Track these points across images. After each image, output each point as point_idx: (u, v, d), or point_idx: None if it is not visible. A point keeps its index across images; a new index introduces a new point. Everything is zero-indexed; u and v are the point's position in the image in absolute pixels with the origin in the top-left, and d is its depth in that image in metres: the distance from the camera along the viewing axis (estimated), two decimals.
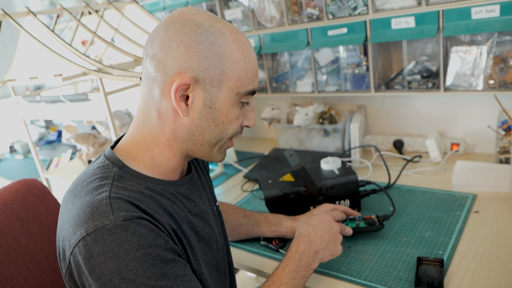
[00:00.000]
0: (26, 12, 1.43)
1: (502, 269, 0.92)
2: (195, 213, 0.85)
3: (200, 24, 0.71)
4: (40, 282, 0.96)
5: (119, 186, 0.71)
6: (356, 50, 1.59)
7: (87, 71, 1.25)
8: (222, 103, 0.74)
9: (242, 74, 0.74)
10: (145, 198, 0.72)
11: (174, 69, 0.71)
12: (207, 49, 0.70)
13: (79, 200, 0.70)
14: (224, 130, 0.77)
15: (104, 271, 0.63)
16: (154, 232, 0.67)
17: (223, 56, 0.71)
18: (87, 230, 0.64)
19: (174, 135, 0.76)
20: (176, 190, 0.81)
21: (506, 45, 1.30)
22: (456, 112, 1.56)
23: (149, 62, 0.74)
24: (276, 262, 1.09)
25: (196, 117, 0.74)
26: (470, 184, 1.27)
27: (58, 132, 2.81)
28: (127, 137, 0.80)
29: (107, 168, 0.74)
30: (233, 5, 1.83)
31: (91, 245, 0.64)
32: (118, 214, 0.65)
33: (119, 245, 0.63)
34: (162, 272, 0.66)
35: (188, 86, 0.71)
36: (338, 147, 1.69)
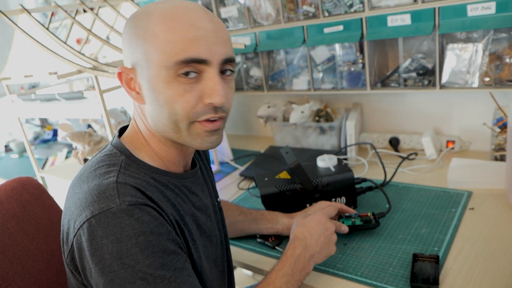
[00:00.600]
0: (21, 10, 1.42)
1: (497, 265, 0.92)
2: (198, 207, 0.85)
3: (133, 16, 0.74)
4: (37, 280, 0.95)
5: (126, 173, 0.72)
6: (352, 48, 1.59)
7: (83, 69, 1.25)
8: (156, 81, 0.70)
9: (164, 45, 0.68)
10: (151, 187, 0.73)
11: (124, 63, 0.77)
12: (131, 35, 0.72)
13: (86, 184, 0.71)
14: (171, 110, 0.71)
15: (105, 254, 0.63)
16: (157, 221, 0.68)
17: (143, 35, 0.70)
18: (93, 212, 0.65)
19: (148, 124, 0.78)
20: (181, 183, 0.82)
21: (501, 42, 1.31)
22: (451, 110, 1.56)
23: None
24: (273, 260, 1.10)
25: (147, 102, 0.74)
26: (465, 181, 1.27)
27: (53, 131, 2.80)
28: (130, 126, 0.83)
29: (115, 156, 0.76)
30: (229, 2, 1.83)
31: (95, 227, 0.64)
32: (124, 199, 0.66)
33: (122, 229, 0.64)
34: (162, 262, 0.65)
35: (127, 74, 0.74)
36: (334, 145, 1.69)
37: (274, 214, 1.16)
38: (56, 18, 2.49)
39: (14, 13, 1.43)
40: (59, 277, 1.00)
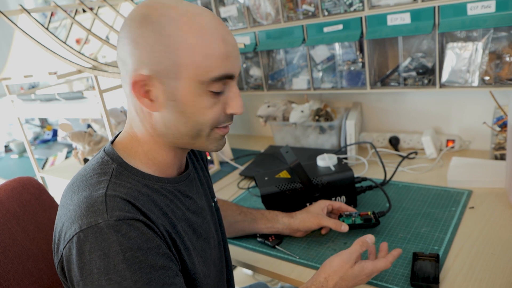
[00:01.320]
0: (20, 10, 1.42)
1: (497, 264, 0.93)
2: (193, 210, 0.84)
3: (148, 17, 0.68)
4: (37, 280, 0.96)
5: (117, 183, 0.71)
6: (352, 47, 1.59)
7: (82, 68, 1.25)
8: (185, 94, 0.70)
9: (200, 60, 0.68)
10: (142, 197, 0.71)
11: (132, 65, 0.70)
12: (154, 41, 0.67)
13: (77, 195, 0.70)
14: (198, 121, 0.73)
15: (94, 269, 0.63)
16: (146, 235, 0.66)
17: (173, 46, 0.67)
18: (81, 226, 0.64)
19: (155, 130, 0.75)
20: (174, 187, 0.80)
21: (501, 41, 1.31)
22: (451, 109, 1.56)
23: (118, 61, 0.74)
24: (273, 259, 1.10)
25: (165, 111, 0.72)
26: (465, 180, 1.27)
27: (53, 131, 2.80)
28: (123, 132, 0.80)
29: (106, 164, 0.74)
30: (228, 2, 1.83)
31: (84, 241, 0.64)
32: (112, 214, 0.65)
33: (110, 245, 0.63)
34: (149, 278, 0.64)
35: (145, 82, 0.70)
36: (334, 144, 1.69)
37: (274, 214, 1.16)
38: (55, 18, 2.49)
39: (13, 13, 1.43)
40: (59, 277, 1.00)
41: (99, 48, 1.95)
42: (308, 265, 1.04)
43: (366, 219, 1.10)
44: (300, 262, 1.06)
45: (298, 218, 1.12)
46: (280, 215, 1.15)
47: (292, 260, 1.07)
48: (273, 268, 1.06)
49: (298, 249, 1.11)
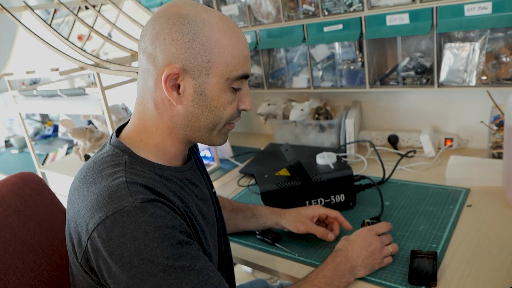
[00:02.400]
0: (24, 7, 1.43)
1: (494, 262, 0.94)
2: (200, 197, 0.88)
3: (185, 16, 0.73)
4: (37, 275, 0.96)
5: (132, 172, 0.74)
6: (352, 46, 1.61)
7: (84, 65, 1.26)
8: (212, 89, 0.76)
9: (229, 60, 0.75)
10: (157, 183, 0.75)
11: (163, 60, 0.74)
12: (192, 39, 0.73)
13: (94, 186, 0.72)
14: (219, 115, 0.79)
15: (124, 252, 0.65)
16: (170, 215, 0.70)
17: (209, 44, 0.73)
18: (107, 213, 0.67)
19: (173, 123, 0.79)
20: (183, 176, 0.84)
21: (498, 41, 1.32)
22: (449, 108, 1.58)
23: (142, 56, 0.77)
24: (273, 256, 1.11)
25: (189, 104, 0.77)
26: (463, 179, 1.28)
27: (54, 127, 2.80)
28: (130, 126, 0.83)
29: (118, 156, 0.77)
30: (230, 1, 1.84)
31: (111, 227, 0.66)
32: (136, 197, 0.68)
33: (138, 226, 0.66)
34: (179, 253, 0.68)
35: (177, 76, 0.74)
36: (333, 142, 1.71)
37: (263, 211, 1.16)
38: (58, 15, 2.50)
39: (17, 9, 1.44)
40: (59, 272, 1.01)
41: (101, 45, 1.96)
42: (307, 263, 1.05)
43: None
44: (299, 260, 1.07)
45: (286, 219, 1.12)
46: (269, 213, 1.15)
47: (291, 258, 1.08)
48: (272, 265, 1.08)
49: (297, 247, 1.12)
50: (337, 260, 0.93)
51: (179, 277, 0.67)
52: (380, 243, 0.98)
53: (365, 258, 0.95)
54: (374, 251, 0.96)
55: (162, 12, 0.76)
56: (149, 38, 0.75)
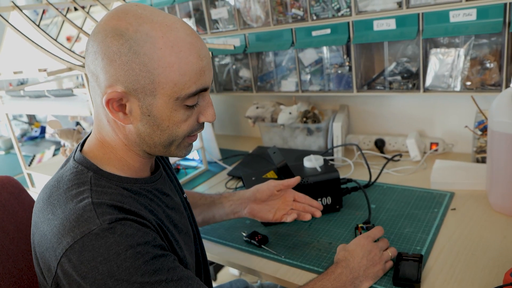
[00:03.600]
0: (12, 7, 1.42)
1: (477, 264, 0.95)
2: (171, 207, 0.86)
3: (123, 32, 0.66)
4: (17, 280, 0.95)
5: (98, 190, 0.71)
6: (339, 51, 1.62)
7: (73, 66, 1.25)
8: (161, 110, 0.71)
9: (177, 78, 0.69)
10: (126, 199, 0.72)
11: (105, 81, 0.69)
12: (131, 60, 0.67)
13: (59, 209, 0.69)
14: (173, 133, 0.75)
15: (97, 275, 0.63)
16: (141, 231, 0.68)
17: (151, 64, 0.67)
18: (74, 238, 0.64)
19: (128, 140, 0.76)
20: (152, 187, 0.82)
21: (482, 48, 1.35)
22: (435, 112, 1.60)
23: (87, 72, 0.73)
24: (258, 258, 1.11)
25: (139, 124, 0.73)
26: (448, 182, 1.30)
27: (41, 128, 2.78)
28: (92, 140, 0.80)
29: (82, 173, 0.74)
30: (219, 4, 1.85)
31: (80, 252, 0.64)
32: (104, 218, 0.66)
33: (108, 248, 0.64)
34: (154, 268, 0.66)
35: (121, 98, 0.69)
36: (321, 146, 1.72)
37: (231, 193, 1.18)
38: (47, 16, 2.48)
39: (5, 9, 1.43)
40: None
41: None
42: (293, 265, 1.06)
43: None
44: (285, 262, 1.07)
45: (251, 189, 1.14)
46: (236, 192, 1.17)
47: (278, 260, 1.09)
48: (259, 267, 1.08)
49: (284, 249, 1.12)
50: (337, 270, 0.90)
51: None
52: (379, 250, 0.97)
53: (367, 268, 0.93)
54: (375, 259, 0.95)
55: (101, 26, 0.69)
56: (90, 55, 0.70)
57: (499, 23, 1.24)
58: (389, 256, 0.98)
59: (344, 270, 0.91)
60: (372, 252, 0.95)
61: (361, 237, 1.00)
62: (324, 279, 0.88)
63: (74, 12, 2.09)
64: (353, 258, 0.93)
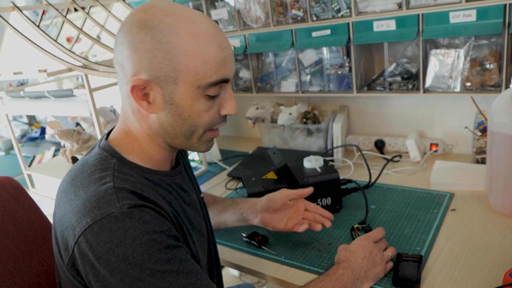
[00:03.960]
0: (12, 7, 1.43)
1: (476, 264, 0.95)
2: (188, 203, 0.88)
3: (147, 23, 0.70)
4: (17, 281, 0.95)
5: (120, 177, 0.73)
6: (339, 52, 1.62)
7: (73, 67, 1.25)
8: (183, 98, 0.73)
9: (199, 67, 0.71)
10: (146, 188, 0.74)
11: (130, 70, 0.72)
12: (154, 48, 0.70)
13: (82, 190, 0.72)
14: (194, 123, 0.77)
15: (111, 257, 0.65)
16: (158, 219, 0.70)
17: (173, 53, 0.70)
18: (94, 219, 0.67)
19: (151, 130, 0.78)
20: (172, 180, 0.84)
21: (482, 48, 1.35)
22: (435, 113, 1.60)
23: (115, 63, 0.77)
24: (258, 259, 1.11)
25: (162, 113, 0.75)
26: (447, 183, 1.30)
27: (41, 129, 2.78)
28: (118, 130, 0.82)
29: (106, 160, 0.76)
30: (219, 5, 1.85)
31: (98, 233, 0.66)
32: (124, 202, 0.68)
33: (125, 232, 0.66)
34: (167, 257, 0.68)
35: (144, 86, 0.72)
36: (321, 147, 1.72)
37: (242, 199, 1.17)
38: (47, 16, 2.49)
39: (5, 10, 1.43)
40: (39, 277, 1.00)
41: (90, 47, 1.95)
42: (293, 265, 1.06)
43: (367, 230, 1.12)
44: (285, 262, 1.08)
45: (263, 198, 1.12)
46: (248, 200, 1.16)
47: (278, 260, 1.09)
48: (258, 268, 1.08)
49: (284, 249, 1.12)
50: (339, 271, 0.90)
51: (167, 280, 0.67)
52: (380, 250, 0.97)
53: (368, 268, 0.93)
54: (376, 259, 0.95)
55: (128, 19, 0.73)
56: (117, 46, 0.74)
57: (499, 24, 1.25)
58: (390, 257, 0.98)
59: (346, 271, 0.91)
60: (373, 253, 0.95)
61: (362, 237, 1.00)
62: (325, 280, 0.88)
63: (74, 13, 2.10)
64: (355, 259, 0.93)
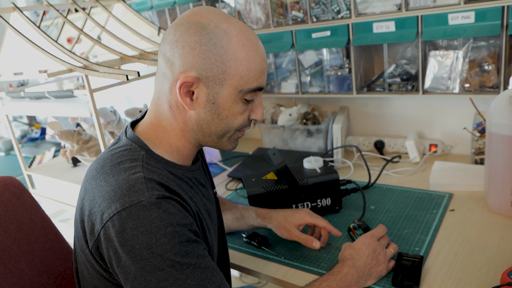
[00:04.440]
0: (12, 8, 1.43)
1: (475, 264, 0.96)
2: (207, 197, 0.91)
3: (205, 26, 0.75)
4: (18, 281, 0.96)
5: (149, 168, 0.77)
6: (339, 53, 1.63)
7: (73, 67, 1.26)
8: (225, 99, 0.78)
9: (245, 72, 0.77)
10: (171, 182, 0.78)
11: (180, 67, 0.76)
12: (209, 50, 0.75)
13: (113, 177, 0.75)
14: (229, 124, 0.82)
15: (135, 244, 0.68)
16: (182, 213, 0.73)
17: (225, 56, 0.75)
18: (123, 205, 0.70)
19: (185, 126, 0.82)
20: (193, 175, 0.88)
21: (481, 50, 1.36)
22: (434, 114, 1.61)
23: (161, 59, 0.80)
24: (258, 259, 1.12)
25: (201, 111, 0.80)
26: (446, 184, 1.31)
27: (41, 130, 2.78)
28: (145, 122, 0.86)
29: (135, 151, 0.80)
30: (220, 6, 1.86)
31: (126, 219, 0.69)
32: (153, 193, 0.71)
33: (152, 221, 0.69)
34: (187, 250, 0.71)
35: (192, 84, 0.77)
36: (321, 147, 1.73)
37: (250, 213, 1.16)
38: (47, 17, 2.49)
39: (5, 11, 1.43)
40: (40, 277, 1.01)
41: (90, 47, 1.96)
42: (293, 265, 1.06)
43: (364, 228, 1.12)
44: (285, 263, 1.08)
45: (272, 223, 1.11)
46: (255, 215, 1.15)
47: (278, 261, 1.09)
48: (258, 268, 1.09)
49: (284, 250, 1.13)
50: (344, 270, 0.91)
51: (185, 273, 0.70)
52: (383, 248, 0.98)
53: (372, 267, 0.94)
54: (379, 257, 0.96)
55: (184, 19, 0.78)
56: (169, 44, 0.78)
57: (497, 26, 1.25)
58: (392, 254, 0.99)
59: (350, 269, 0.92)
60: (376, 251, 0.97)
61: (366, 235, 1.01)
62: (330, 279, 0.89)
63: (75, 14, 2.10)
64: (360, 257, 0.94)
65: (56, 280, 1.05)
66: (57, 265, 1.06)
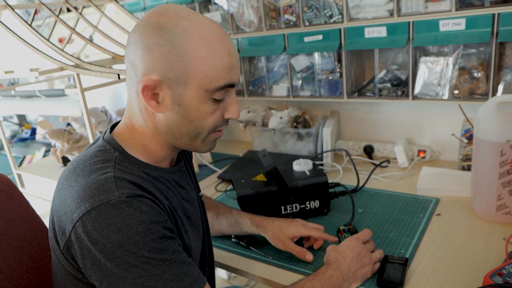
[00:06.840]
0: (4, 6, 1.43)
1: (459, 267, 0.97)
2: (186, 199, 0.90)
3: (163, 26, 0.73)
4: (7, 277, 0.95)
5: (121, 169, 0.76)
6: (331, 57, 1.64)
7: (65, 66, 1.26)
8: (191, 100, 0.76)
9: (208, 71, 0.74)
10: (145, 181, 0.77)
11: (142, 70, 0.75)
12: (168, 50, 0.72)
13: (83, 178, 0.74)
14: (199, 125, 0.79)
15: (107, 243, 0.67)
16: (155, 210, 0.72)
17: (185, 56, 0.72)
18: (92, 205, 0.69)
19: (156, 129, 0.80)
20: (170, 177, 0.86)
21: (470, 57, 1.38)
22: (423, 120, 1.62)
23: (126, 62, 0.79)
24: (246, 259, 1.12)
25: (169, 113, 0.77)
26: (433, 189, 1.32)
27: (31, 130, 2.77)
28: (122, 125, 0.85)
29: (109, 152, 0.79)
30: (213, 8, 1.87)
31: (96, 218, 0.68)
32: (123, 191, 0.70)
33: (123, 219, 0.68)
34: (161, 247, 0.70)
35: (155, 86, 0.75)
36: (311, 151, 1.73)
37: (244, 220, 1.15)
38: (39, 17, 2.48)
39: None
40: (29, 274, 1.00)
41: (82, 48, 1.96)
42: (280, 266, 1.07)
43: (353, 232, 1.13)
44: (272, 263, 1.09)
45: (266, 233, 1.11)
46: (250, 223, 1.14)
47: (265, 261, 1.10)
48: (246, 268, 1.09)
49: (271, 250, 1.13)
50: (328, 272, 0.92)
51: (161, 268, 0.70)
52: (368, 252, 0.99)
53: (356, 269, 0.94)
54: (364, 260, 0.96)
55: (144, 20, 0.76)
56: (131, 46, 0.76)
57: (487, 33, 1.27)
58: (377, 258, 1.00)
59: (335, 272, 0.92)
60: (361, 254, 0.97)
61: (351, 238, 1.01)
62: (314, 280, 0.90)
63: (66, 14, 2.10)
64: (344, 260, 0.95)
65: (45, 277, 1.04)
66: (46, 263, 1.06)
